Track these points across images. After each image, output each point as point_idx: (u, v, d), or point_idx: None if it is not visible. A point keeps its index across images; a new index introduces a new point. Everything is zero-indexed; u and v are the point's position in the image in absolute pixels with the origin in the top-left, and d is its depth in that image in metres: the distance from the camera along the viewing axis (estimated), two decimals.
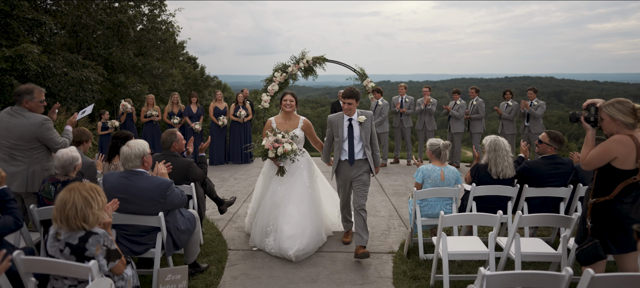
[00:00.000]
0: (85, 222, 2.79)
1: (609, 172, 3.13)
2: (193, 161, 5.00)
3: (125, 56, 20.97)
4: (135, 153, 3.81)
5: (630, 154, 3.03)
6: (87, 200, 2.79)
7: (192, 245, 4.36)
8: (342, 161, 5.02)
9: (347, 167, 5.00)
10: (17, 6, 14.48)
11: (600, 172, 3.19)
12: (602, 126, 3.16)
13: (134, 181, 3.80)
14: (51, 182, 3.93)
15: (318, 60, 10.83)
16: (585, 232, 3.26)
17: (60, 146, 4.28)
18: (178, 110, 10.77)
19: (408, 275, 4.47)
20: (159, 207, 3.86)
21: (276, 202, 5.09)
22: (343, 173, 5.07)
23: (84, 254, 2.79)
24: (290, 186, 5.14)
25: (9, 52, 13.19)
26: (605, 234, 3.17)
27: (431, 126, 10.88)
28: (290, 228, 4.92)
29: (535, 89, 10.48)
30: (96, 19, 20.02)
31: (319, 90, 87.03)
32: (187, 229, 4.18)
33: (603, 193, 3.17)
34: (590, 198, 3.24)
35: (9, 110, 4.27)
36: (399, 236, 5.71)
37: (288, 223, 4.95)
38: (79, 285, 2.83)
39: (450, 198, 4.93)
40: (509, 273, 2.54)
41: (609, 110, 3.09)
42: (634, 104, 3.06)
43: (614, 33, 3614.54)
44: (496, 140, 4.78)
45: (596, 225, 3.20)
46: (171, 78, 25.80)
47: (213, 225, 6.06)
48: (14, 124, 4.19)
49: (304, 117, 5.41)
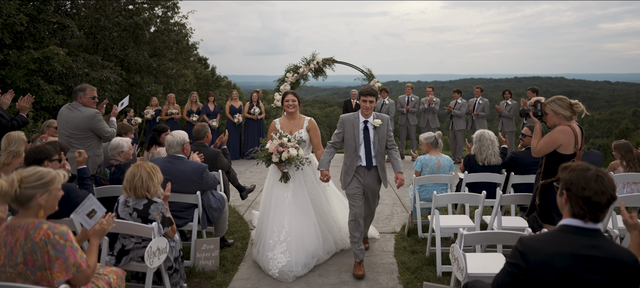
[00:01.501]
0: (148, 192, 3.53)
1: (554, 158, 3.81)
2: (220, 151, 5.73)
3: (141, 57, 21.79)
4: (177, 141, 4.55)
5: (570, 141, 3.72)
6: (150, 175, 3.53)
7: (222, 222, 5.08)
8: (358, 167, 4.58)
9: (362, 173, 4.59)
10: (44, 11, 15.33)
11: (547, 158, 3.87)
12: (546, 119, 3.84)
13: (176, 164, 4.53)
14: (106, 166, 4.68)
15: (327, 61, 11.54)
16: (534, 207, 3.96)
17: (109, 135, 5.04)
18: (196, 108, 11.54)
19: (407, 250, 5.17)
20: (196, 187, 4.59)
21: (283, 211, 4.73)
22: (358, 180, 4.58)
23: (147, 218, 3.53)
24: (297, 194, 4.80)
25: (37, 54, 14.04)
26: (551, 208, 3.83)
27: (434, 124, 11.53)
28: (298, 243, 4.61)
29: (534, 89, 11.09)
30: (113, 21, 20.89)
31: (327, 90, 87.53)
32: (218, 208, 4.91)
33: (550, 176, 3.84)
34: (540, 180, 3.91)
35: (68, 105, 5.04)
36: (401, 220, 6.40)
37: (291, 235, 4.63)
38: (142, 242, 3.58)
39: (445, 183, 5.61)
40: (480, 233, 3.23)
41: (552, 106, 3.78)
42: (570, 100, 3.76)
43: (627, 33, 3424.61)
44: (482, 133, 5.48)
45: (544, 202, 3.87)
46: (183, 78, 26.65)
47: (235, 210, 6.79)
48: (71, 116, 4.96)
49: (309, 117, 5.09)
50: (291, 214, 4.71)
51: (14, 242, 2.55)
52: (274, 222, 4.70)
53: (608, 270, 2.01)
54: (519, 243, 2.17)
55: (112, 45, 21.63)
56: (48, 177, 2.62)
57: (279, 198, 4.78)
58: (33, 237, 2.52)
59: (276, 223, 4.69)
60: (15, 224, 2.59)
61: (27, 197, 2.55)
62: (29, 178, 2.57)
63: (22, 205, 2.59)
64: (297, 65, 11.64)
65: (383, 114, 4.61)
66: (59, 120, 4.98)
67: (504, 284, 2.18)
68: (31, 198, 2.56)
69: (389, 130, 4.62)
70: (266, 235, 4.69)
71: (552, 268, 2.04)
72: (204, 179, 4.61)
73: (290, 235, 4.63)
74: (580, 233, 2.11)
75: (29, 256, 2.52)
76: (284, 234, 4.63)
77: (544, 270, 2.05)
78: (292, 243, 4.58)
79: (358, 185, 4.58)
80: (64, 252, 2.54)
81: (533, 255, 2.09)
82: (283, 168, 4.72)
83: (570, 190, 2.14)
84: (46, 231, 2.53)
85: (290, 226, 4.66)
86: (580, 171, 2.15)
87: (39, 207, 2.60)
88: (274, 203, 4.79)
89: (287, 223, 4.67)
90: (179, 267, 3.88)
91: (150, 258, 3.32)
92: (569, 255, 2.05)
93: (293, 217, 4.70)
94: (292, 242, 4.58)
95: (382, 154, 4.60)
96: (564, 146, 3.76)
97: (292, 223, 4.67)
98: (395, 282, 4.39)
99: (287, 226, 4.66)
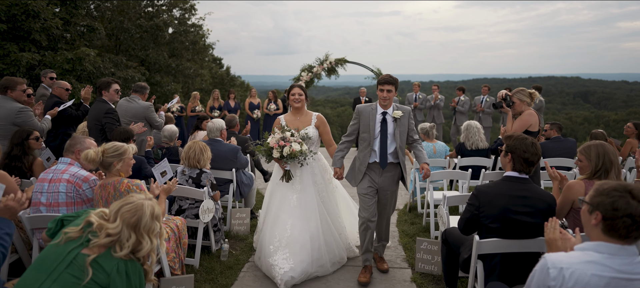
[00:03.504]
0: (199, 163, 4.51)
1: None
2: (248, 139, 6.71)
3: (160, 57, 22.95)
4: (217, 127, 5.55)
5: (536, 121, 4.64)
6: (201, 150, 4.53)
7: (251, 197, 6.05)
8: (370, 164, 4.19)
9: (376, 171, 4.18)
10: (75, 14, 16.50)
11: None
12: (514, 108, 4.75)
13: (215, 146, 5.51)
14: (159, 148, 5.69)
15: (340, 62, 12.49)
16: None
17: (159, 125, 6.05)
18: (218, 104, 12.55)
19: (408, 221, 6.10)
20: (231, 165, 5.57)
21: (286, 214, 4.40)
22: (370, 179, 4.20)
23: (199, 184, 4.52)
24: (304, 196, 4.43)
25: (70, 54, 15.20)
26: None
27: (439, 119, 12.44)
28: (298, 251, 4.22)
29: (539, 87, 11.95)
30: (136, 23, 22.07)
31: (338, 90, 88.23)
32: (248, 184, 5.88)
33: None
34: None
35: (127, 98, 6.06)
36: (404, 200, 7.32)
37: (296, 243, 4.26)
38: (195, 203, 4.56)
39: (442, 166, 6.52)
40: (459, 195, 4.15)
41: (518, 96, 4.72)
42: (529, 90, 4.69)
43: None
44: (468, 123, 6.44)
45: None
46: (200, 78, 27.81)
47: (258, 191, 7.77)
48: (129, 107, 5.98)
49: (317, 113, 4.68)
50: (295, 218, 4.34)
51: (107, 195, 3.52)
52: (276, 226, 4.36)
53: (533, 205, 2.93)
54: (475, 190, 3.10)
55: (134, 46, 22.83)
56: (122, 149, 3.60)
57: (282, 200, 4.43)
58: (119, 188, 3.49)
59: (278, 227, 4.34)
60: (104, 183, 3.56)
61: (107, 163, 3.53)
62: (108, 150, 3.55)
63: (106, 169, 3.57)
64: (311, 65, 12.60)
65: (404, 106, 4.20)
66: (119, 109, 6.00)
67: (466, 219, 3.11)
68: (110, 164, 3.54)
69: (411, 123, 4.20)
70: (266, 240, 4.34)
71: (495, 205, 2.96)
72: (238, 159, 5.58)
73: (293, 240, 4.26)
74: (515, 181, 3.03)
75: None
76: (286, 239, 4.26)
77: (490, 206, 2.97)
78: (296, 249, 4.21)
79: (370, 185, 4.16)
80: None
81: (483, 196, 3.01)
82: (284, 165, 4.35)
83: (514, 152, 3.06)
84: (127, 184, 3.50)
85: (293, 230, 4.30)
86: (521, 140, 3.07)
87: (118, 171, 3.58)
88: (277, 205, 4.45)
89: (290, 227, 4.31)
90: (221, 227, 4.87)
91: (203, 214, 4.29)
92: (507, 195, 2.96)
93: (297, 220, 4.33)
94: (295, 248, 4.21)
95: (402, 150, 4.15)
96: (533, 125, 4.67)
97: (296, 228, 4.30)
98: (395, 243, 5.32)
99: (289, 230, 4.30)
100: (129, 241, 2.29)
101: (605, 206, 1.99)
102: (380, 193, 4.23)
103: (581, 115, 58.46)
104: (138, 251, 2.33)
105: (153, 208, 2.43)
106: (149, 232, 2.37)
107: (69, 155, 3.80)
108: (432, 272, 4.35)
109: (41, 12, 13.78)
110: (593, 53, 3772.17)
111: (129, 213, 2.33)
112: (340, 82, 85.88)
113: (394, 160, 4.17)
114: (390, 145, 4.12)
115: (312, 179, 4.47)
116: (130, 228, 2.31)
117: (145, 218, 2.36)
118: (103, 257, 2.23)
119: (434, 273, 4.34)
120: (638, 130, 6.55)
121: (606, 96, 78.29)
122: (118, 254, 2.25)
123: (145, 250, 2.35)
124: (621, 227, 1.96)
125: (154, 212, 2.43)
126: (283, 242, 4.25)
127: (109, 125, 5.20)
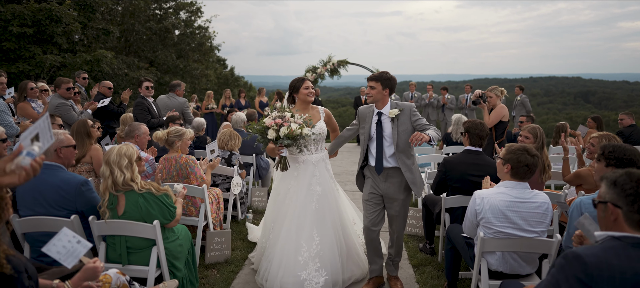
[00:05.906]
0: (227, 146, 5.61)
1: (498, 125, 5.81)
2: None
3: (169, 59, 24.02)
4: (240, 119, 6.66)
5: (507, 113, 5.75)
6: (231, 136, 5.61)
7: (267, 179, 7.13)
8: (370, 166, 3.93)
9: (376, 175, 3.88)
10: (92, 19, 17.60)
11: (495, 127, 5.86)
12: (489, 102, 5.83)
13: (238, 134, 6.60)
14: None
15: (342, 63, 13.57)
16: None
17: (190, 118, 7.13)
18: (229, 103, 13.64)
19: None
20: (252, 151, 6.65)
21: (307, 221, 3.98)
22: (373, 185, 3.89)
23: (230, 163, 5.60)
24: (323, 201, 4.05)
25: (89, 56, 16.29)
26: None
27: (434, 116, 13.55)
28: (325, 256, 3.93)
29: (522, 87, 13.05)
30: (146, 25, 23.15)
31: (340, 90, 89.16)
32: (265, 167, 6.96)
33: (499, 137, 5.83)
34: (495, 141, 5.90)
35: (167, 95, 7.17)
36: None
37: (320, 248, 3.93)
38: (226, 179, 5.64)
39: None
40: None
41: (493, 92, 5.78)
42: (500, 88, 5.76)
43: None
44: (459, 117, 7.46)
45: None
46: (205, 78, 28.89)
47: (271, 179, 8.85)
48: (169, 103, 7.08)
49: (323, 107, 4.38)
50: (320, 224, 3.98)
51: (170, 166, 4.60)
52: (300, 235, 3.93)
53: (483, 169, 4.00)
54: (443, 160, 4.18)
55: (143, 48, 23.93)
56: (181, 132, 4.69)
57: (300, 205, 4.01)
58: (179, 161, 4.57)
59: (304, 237, 3.93)
60: (167, 157, 4.64)
61: (171, 141, 4.62)
62: (172, 131, 4.64)
63: (170, 146, 4.65)
64: (315, 66, 13.69)
65: (404, 103, 3.84)
66: (160, 104, 7.05)
67: (436, 182, 4.20)
68: (173, 143, 4.63)
69: (414, 118, 3.76)
70: (290, 252, 3.92)
71: (456, 170, 4.05)
72: (256, 147, 6.66)
73: (322, 248, 3.91)
74: (472, 153, 4.11)
75: (179, 171, 4.59)
76: (314, 248, 3.90)
77: (453, 171, 4.06)
78: (326, 257, 3.90)
79: (372, 191, 3.88)
80: (195, 169, 4.60)
81: (448, 164, 4.11)
82: (280, 150, 3.89)
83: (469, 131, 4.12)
84: (185, 158, 4.59)
85: (322, 238, 3.94)
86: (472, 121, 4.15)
87: (177, 148, 4.66)
88: (296, 213, 4.01)
89: (317, 235, 3.94)
90: (246, 201, 5.96)
91: (234, 187, 5.36)
92: (465, 163, 4.05)
93: (322, 227, 3.98)
94: (325, 257, 3.90)
95: (405, 153, 3.76)
96: (505, 116, 5.79)
97: (323, 235, 3.95)
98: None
99: (317, 238, 3.93)
100: (107, 173, 3.25)
101: (513, 160, 3.11)
102: (386, 202, 3.89)
103: (582, 115, 59.14)
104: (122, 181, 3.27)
105: (121, 150, 3.32)
106: (118, 165, 3.27)
107: (129, 139, 4.89)
108: (417, 234, 5.44)
109: (63, 17, 14.84)
110: (594, 53, 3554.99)
111: (104, 155, 3.40)
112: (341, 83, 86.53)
113: (394, 165, 3.79)
114: (388, 148, 3.78)
115: (330, 185, 4.17)
116: (105, 164, 3.30)
117: (112, 156, 3.28)
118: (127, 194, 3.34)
119: (419, 235, 5.43)
120: (597, 123, 7.62)
121: (607, 96, 77.90)
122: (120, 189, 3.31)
123: (126, 178, 3.27)
124: (521, 172, 3.11)
125: (121, 152, 3.31)
126: (312, 252, 3.88)
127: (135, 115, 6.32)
